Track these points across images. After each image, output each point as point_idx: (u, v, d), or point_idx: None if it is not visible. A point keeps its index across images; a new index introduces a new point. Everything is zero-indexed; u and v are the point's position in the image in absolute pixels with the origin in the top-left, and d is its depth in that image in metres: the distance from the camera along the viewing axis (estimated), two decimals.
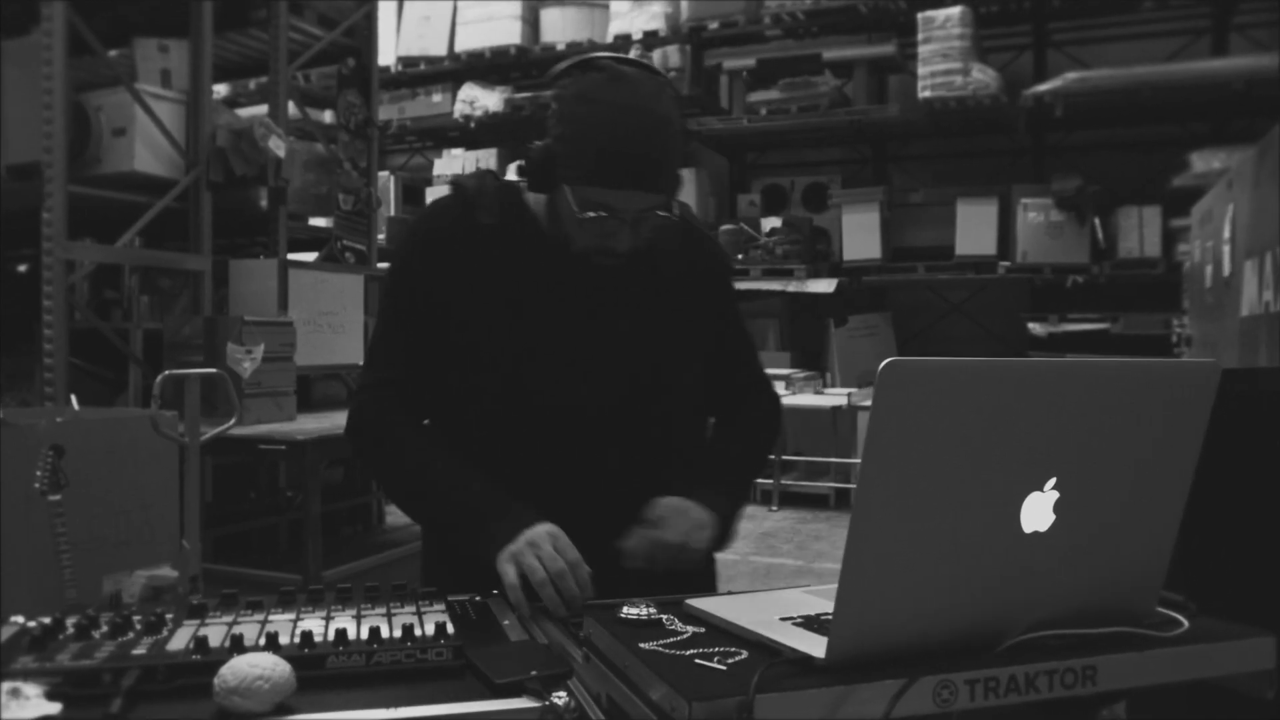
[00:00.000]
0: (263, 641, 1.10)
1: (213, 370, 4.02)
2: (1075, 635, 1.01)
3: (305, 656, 1.07)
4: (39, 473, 3.36)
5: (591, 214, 1.56)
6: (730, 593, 1.35)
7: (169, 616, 1.19)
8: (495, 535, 1.53)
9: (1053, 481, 0.97)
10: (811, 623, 1.08)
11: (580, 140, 1.56)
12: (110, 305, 6.81)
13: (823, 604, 1.16)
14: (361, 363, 6.48)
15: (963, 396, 0.90)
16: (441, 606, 1.26)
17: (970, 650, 0.97)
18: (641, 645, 1.03)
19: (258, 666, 0.98)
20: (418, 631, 1.15)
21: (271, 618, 1.20)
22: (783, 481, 8.36)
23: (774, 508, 8.19)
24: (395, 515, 7.88)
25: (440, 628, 1.14)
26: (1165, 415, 1.01)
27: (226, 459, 6.01)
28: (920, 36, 9.59)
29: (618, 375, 1.70)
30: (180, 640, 1.11)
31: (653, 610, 1.14)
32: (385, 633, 1.14)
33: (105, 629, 1.14)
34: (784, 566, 6.25)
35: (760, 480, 8.44)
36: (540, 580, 1.43)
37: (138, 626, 1.15)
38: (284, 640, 1.10)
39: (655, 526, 1.61)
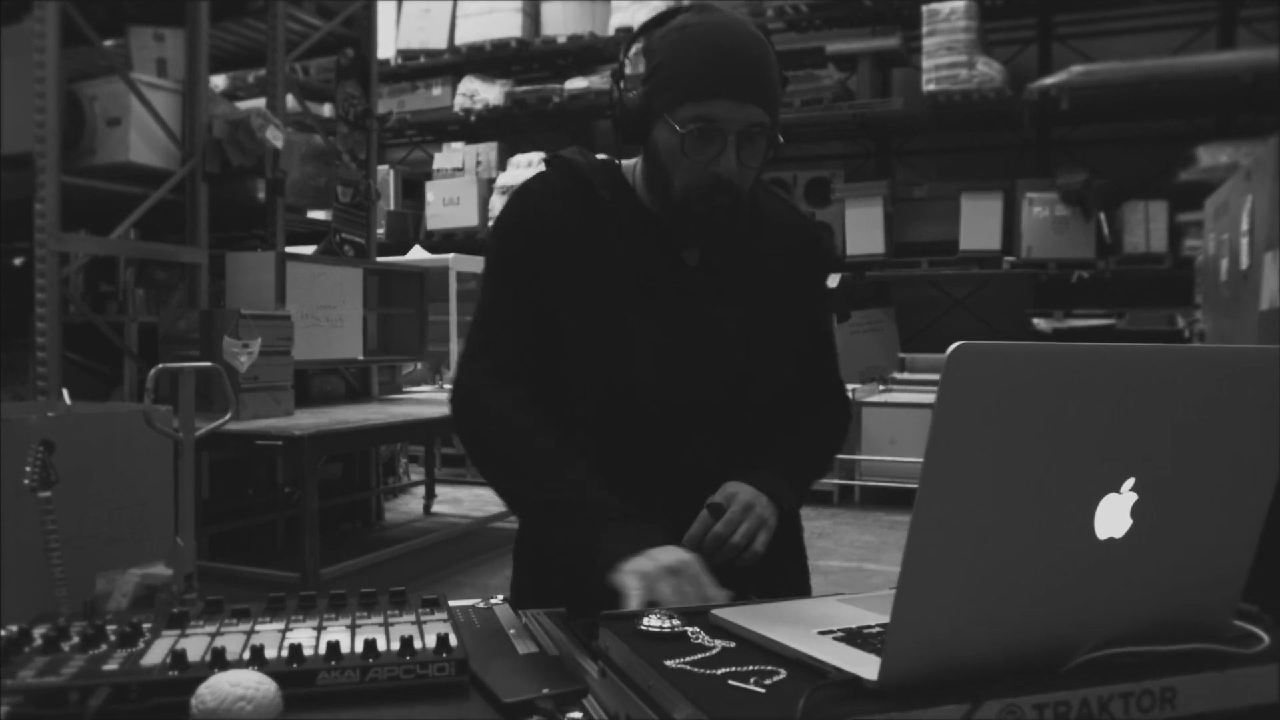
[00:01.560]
0: (247, 655, 1.00)
1: (208, 364, 3.92)
2: (1151, 653, 0.91)
3: (293, 672, 0.97)
4: (29, 468, 3.28)
5: (694, 126, 1.48)
6: (753, 600, 1.26)
7: (146, 626, 1.09)
8: (613, 548, 1.40)
9: (1131, 482, 0.87)
10: (854, 637, 0.97)
11: (679, 61, 1.50)
12: (105, 298, 6.73)
13: (862, 614, 1.06)
14: (360, 356, 6.42)
15: (1038, 385, 0.80)
16: (444, 615, 1.16)
17: (1035, 670, 0.87)
18: (667, 663, 0.92)
19: (239, 685, 0.88)
20: (418, 644, 1.04)
21: (258, 628, 1.10)
22: None
23: None
24: (394, 512, 7.82)
25: (442, 640, 1.04)
26: (1250, 407, 0.90)
27: (223, 455, 5.93)
28: (925, 29, 9.50)
29: (718, 368, 1.64)
30: (157, 654, 1.01)
31: (676, 622, 1.03)
32: (382, 645, 1.03)
33: (76, 640, 1.04)
34: None
35: None
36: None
37: (111, 638, 1.05)
38: (270, 654, 1.00)
39: (720, 519, 1.53)
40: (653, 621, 1.03)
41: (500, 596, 1.34)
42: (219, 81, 9.15)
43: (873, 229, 10.06)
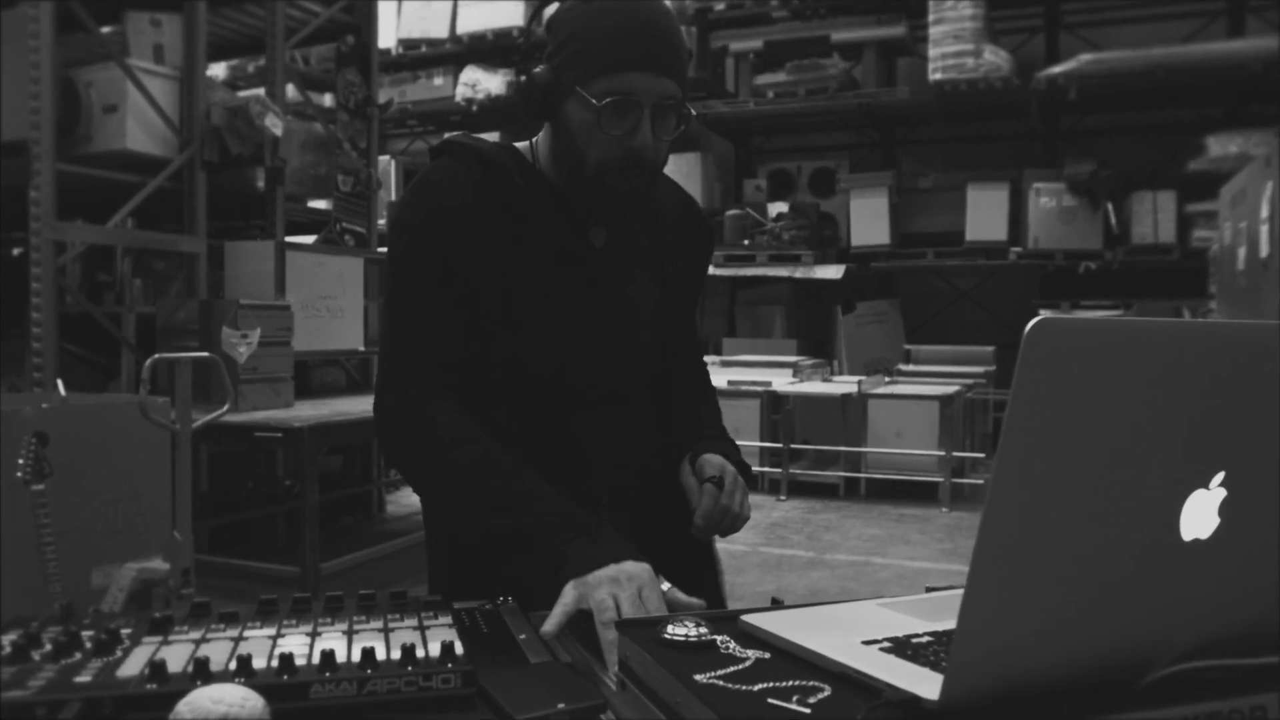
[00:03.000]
0: (233, 666, 0.91)
1: (205, 354, 3.84)
2: (1236, 667, 0.82)
3: (284, 685, 0.89)
4: (21, 461, 3.20)
5: (610, 99, 1.45)
6: (781, 604, 1.17)
7: (125, 632, 1.00)
8: (579, 561, 1.31)
9: (1220, 477, 0.78)
10: (903, 647, 0.88)
11: (591, 34, 1.47)
12: (103, 289, 6.64)
13: (906, 621, 0.97)
14: (361, 347, 6.32)
15: (1125, 366, 0.70)
16: (448, 619, 1.07)
17: (1110, 686, 0.77)
18: (697, 677, 0.83)
19: (222, 702, 0.79)
20: (420, 652, 0.96)
21: (247, 634, 1.01)
22: (791, 471, 8.18)
23: (782, 497, 8.01)
24: (396, 504, 7.74)
25: (447, 648, 0.95)
26: None
27: (222, 447, 5.85)
28: (931, 18, 9.43)
29: (641, 347, 1.65)
30: (135, 664, 0.92)
31: (703, 630, 0.94)
32: (381, 654, 0.94)
33: (48, 648, 0.96)
34: (796, 558, 6.08)
35: (768, 469, 8.27)
36: (607, 621, 1.18)
37: (87, 645, 0.96)
38: (259, 664, 0.92)
39: (719, 490, 1.56)
40: (677, 630, 0.93)
41: (505, 598, 1.25)
42: (219, 72, 9.07)
43: (878, 220, 10.00)
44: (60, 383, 4.12)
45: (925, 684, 0.76)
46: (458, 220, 1.52)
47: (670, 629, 0.94)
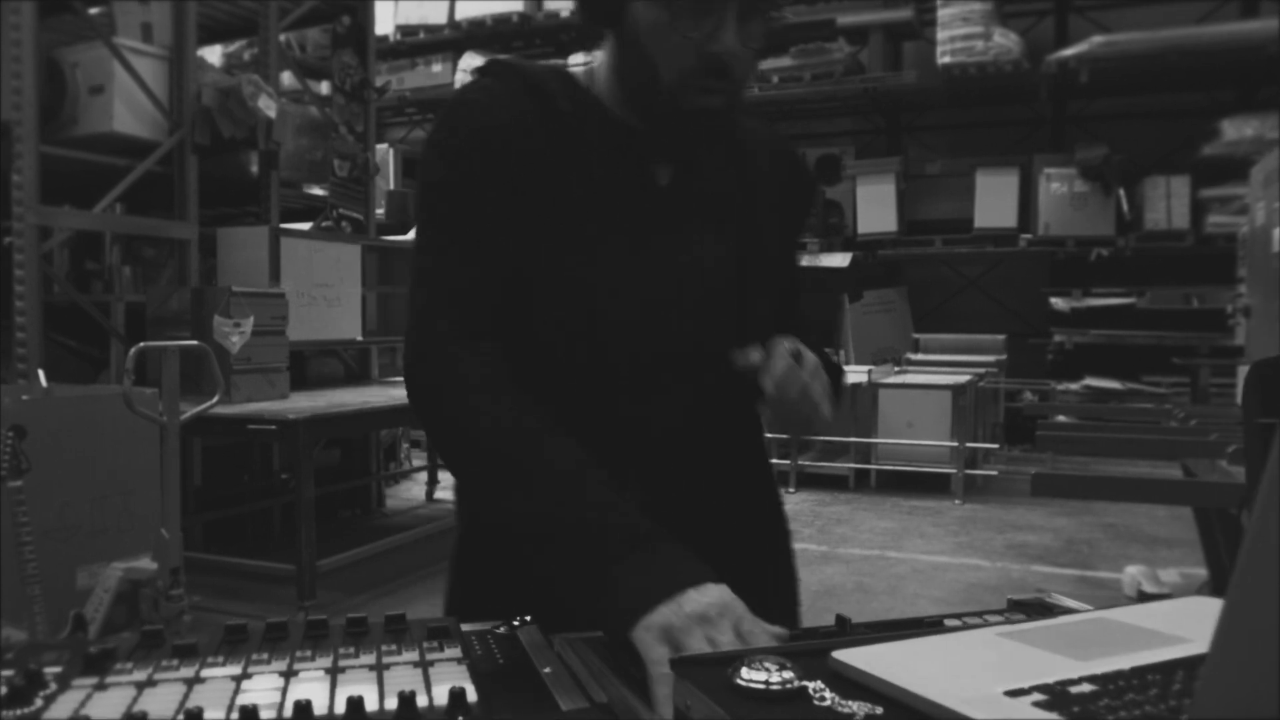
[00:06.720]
0: None
1: (194, 343, 3.66)
2: None
3: None
4: None
5: None
6: (847, 623, 0.96)
7: (53, 672, 0.80)
8: (635, 589, 1.01)
9: None
10: (1063, 701, 0.65)
11: None
12: (91, 277, 6.45)
13: (1047, 660, 0.75)
14: (359, 337, 6.13)
15: None
16: (457, 651, 0.86)
17: None
18: None
19: None
20: (422, 701, 0.75)
21: (205, 673, 0.80)
22: (800, 462, 7.99)
23: (791, 490, 7.82)
24: (395, 499, 7.57)
25: (457, 697, 0.74)
26: None
27: (215, 440, 5.68)
28: (939, 0, 9.22)
29: (706, 307, 1.31)
30: (55, 717, 0.72)
31: (787, 673, 0.70)
32: (372, 703, 0.74)
33: None
34: (808, 552, 5.89)
35: (775, 461, 8.08)
36: None
37: (1, 691, 0.77)
38: (214, 716, 0.71)
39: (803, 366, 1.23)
40: (755, 674, 0.71)
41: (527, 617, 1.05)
42: (214, 58, 8.87)
43: (885, 207, 9.85)
44: (42, 373, 3.93)
45: None
46: (499, 141, 1.25)
47: (746, 673, 0.71)
